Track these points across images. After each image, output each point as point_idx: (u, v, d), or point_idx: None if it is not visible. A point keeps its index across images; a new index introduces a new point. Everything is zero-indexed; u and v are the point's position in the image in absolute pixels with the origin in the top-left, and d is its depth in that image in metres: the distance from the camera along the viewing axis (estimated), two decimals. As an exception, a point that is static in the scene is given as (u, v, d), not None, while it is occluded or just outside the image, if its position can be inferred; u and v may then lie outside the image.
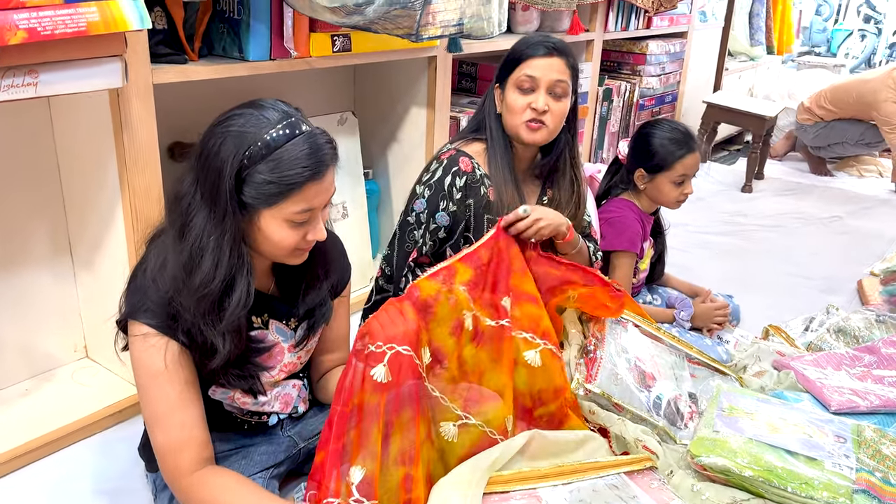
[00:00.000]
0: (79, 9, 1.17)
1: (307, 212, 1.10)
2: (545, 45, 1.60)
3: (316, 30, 1.74)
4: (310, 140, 1.08)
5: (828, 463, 1.44)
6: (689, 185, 2.05)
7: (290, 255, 1.16)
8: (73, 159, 1.57)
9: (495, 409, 1.35)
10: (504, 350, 1.42)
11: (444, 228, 1.65)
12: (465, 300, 1.37)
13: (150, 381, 1.11)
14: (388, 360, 1.16)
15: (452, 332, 1.35)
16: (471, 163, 1.64)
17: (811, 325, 2.25)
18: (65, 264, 1.66)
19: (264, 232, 1.11)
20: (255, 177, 1.06)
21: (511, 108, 1.61)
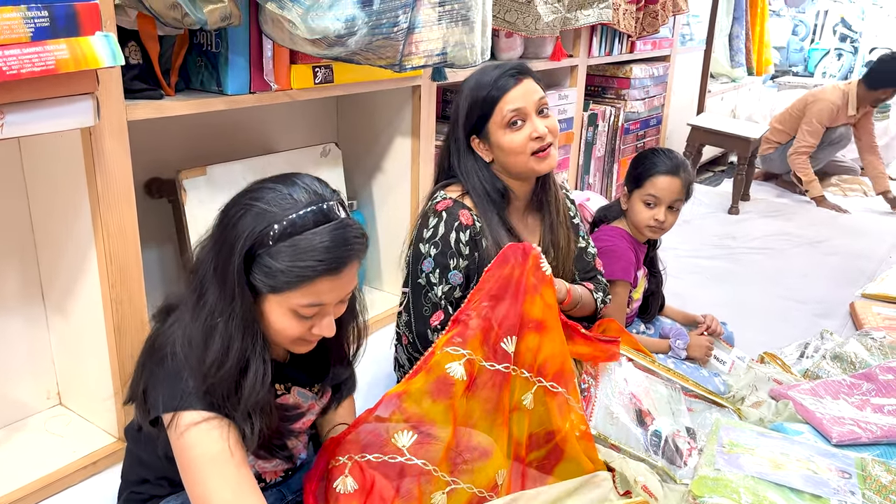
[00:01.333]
0: (47, 46, 1.12)
1: (316, 306, 1.03)
2: (509, 73, 1.53)
3: (297, 62, 1.70)
4: (335, 231, 1.00)
5: (833, 501, 1.40)
6: (661, 210, 1.96)
7: (292, 345, 1.10)
8: (45, 200, 1.51)
9: (483, 467, 1.31)
10: (502, 397, 1.37)
11: (458, 287, 1.55)
12: (446, 355, 1.33)
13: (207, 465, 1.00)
14: (349, 471, 1.20)
15: (436, 398, 1.30)
16: (470, 216, 1.55)
17: (806, 350, 2.22)
18: (36, 308, 1.59)
19: (267, 317, 1.04)
20: (265, 259, 0.99)
21: (511, 149, 1.53)
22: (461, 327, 1.37)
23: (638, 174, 1.98)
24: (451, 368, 1.32)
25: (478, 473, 1.31)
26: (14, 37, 1.08)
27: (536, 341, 1.42)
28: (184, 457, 1.01)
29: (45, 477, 1.43)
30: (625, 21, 3.12)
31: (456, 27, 1.89)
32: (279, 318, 1.03)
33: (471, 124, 1.56)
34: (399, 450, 1.25)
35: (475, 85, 1.56)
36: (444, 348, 1.34)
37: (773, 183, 4.62)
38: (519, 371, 1.41)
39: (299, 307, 1.02)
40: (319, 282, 1.00)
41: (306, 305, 1.02)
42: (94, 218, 1.40)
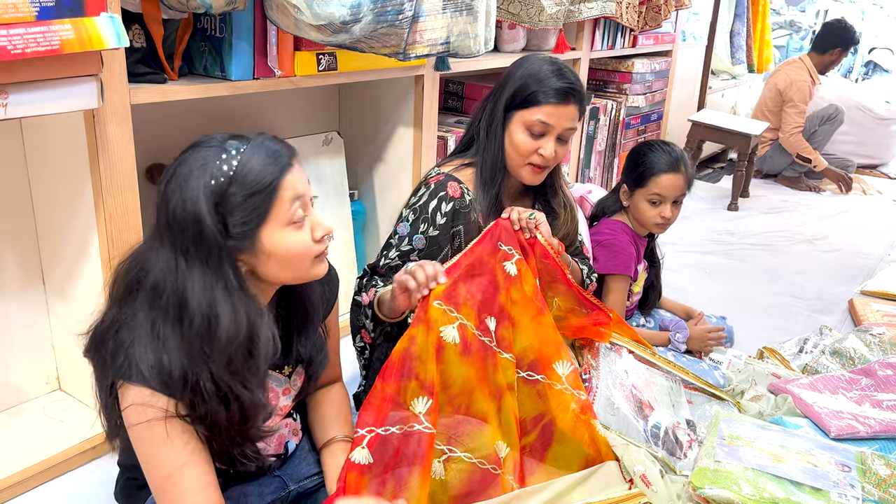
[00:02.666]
0: (52, 26, 1.11)
1: (299, 200, 1.03)
2: (564, 90, 1.52)
3: (301, 48, 1.69)
4: (258, 140, 1.04)
5: (833, 493, 1.40)
6: (666, 207, 1.97)
7: (314, 265, 1.08)
8: (47, 184, 1.50)
9: (480, 437, 1.29)
10: (489, 370, 1.35)
11: (417, 252, 1.56)
12: (442, 313, 1.29)
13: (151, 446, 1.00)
14: (367, 444, 1.17)
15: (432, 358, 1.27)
16: (460, 188, 1.57)
17: (805, 346, 2.22)
18: (37, 293, 1.59)
19: (276, 253, 1.03)
20: (233, 201, 0.98)
21: (518, 148, 1.55)
22: (452, 286, 1.33)
23: (640, 174, 1.97)
24: (444, 332, 1.29)
25: (474, 442, 1.29)
26: (19, 16, 1.07)
27: (511, 334, 1.42)
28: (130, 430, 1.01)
29: (45, 461, 1.43)
30: (627, 15, 3.12)
31: (460, 17, 1.88)
32: (285, 240, 1.03)
33: (508, 102, 1.56)
34: (417, 417, 1.21)
35: (533, 76, 1.54)
36: (438, 302, 1.30)
37: (773, 180, 4.63)
38: (503, 353, 1.40)
39: (290, 212, 1.02)
40: (287, 178, 1.02)
41: (291, 203, 1.02)
42: (96, 202, 1.39)
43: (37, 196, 1.53)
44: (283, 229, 1.03)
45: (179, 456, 1.00)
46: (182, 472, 1.01)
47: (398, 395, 1.23)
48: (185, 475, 1.01)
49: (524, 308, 1.44)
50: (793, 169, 4.46)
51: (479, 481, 1.28)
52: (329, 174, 2.13)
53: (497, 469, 1.31)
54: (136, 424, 0.99)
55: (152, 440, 1.00)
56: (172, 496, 1.01)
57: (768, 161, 4.51)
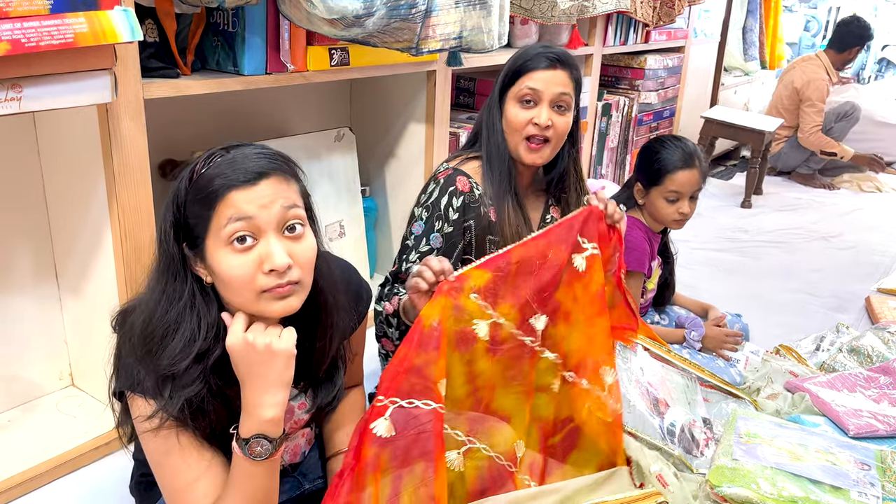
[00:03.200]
0: (66, 19, 1.10)
1: (240, 222, 0.93)
2: (548, 56, 1.51)
3: (313, 43, 1.68)
4: (232, 153, 0.97)
5: (853, 492, 1.38)
6: (684, 203, 1.96)
7: (259, 300, 0.96)
8: (60, 179, 1.50)
9: (501, 433, 1.27)
10: (525, 370, 1.33)
11: (436, 251, 1.54)
12: (477, 308, 1.25)
13: (164, 455, 0.99)
14: (390, 414, 1.10)
15: (457, 347, 1.23)
16: (468, 182, 1.55)
17: (822, 344, 2.20)
18: (50, 288, 1.58)
19: (216, 269, 0.96)
20: (188, 206, 0.96)
21: (511, 123, 1.53)
22: (493, 282, 1.27)
23: (655, 171, 1.95)
24: (477, 325, 1.25)
25: (495, 437, 1.27)
26: (33, 9, 1.06)
27: (562, 330, 1.39)
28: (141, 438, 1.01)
29: (58, 457, 1.43)
30: (642, 10, 3.09)
31: (473, 11, 1.87)
32: (221, 259, 0.94)
33: (502, 86, 1.56)
34: (439, 395, 1.14)
35: (520, 52, 1.55)
36: (475, 295, 1.24)
37: (787, 177, 4.59)
38: (547, 352, 1.37)
39: (226, 231, 0.93)
40: (231, 195, 0.93)
41: (228, 223, 0.93)
42: (109, 197, 1.39)
43: (50, 191, 1.53)
44: (221, 248, 0.95)
45: (192, 469, 1.00)
46: (195, 484, 1.00)
47: (424, 367, 1.15)
48: (199, 486, 1.00)
49: (584, 307, 1.40)
50: (807, 166, 4.43)
51: (494, 477, 1.27)
52: (341, 170, 2.12)
53: (512, 467, 1.30)
54: (146, 436, 0.99)
55: (165, 451, 0.99)
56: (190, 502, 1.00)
57: (783, 158, 4.48)
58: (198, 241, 0.96)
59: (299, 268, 0.97)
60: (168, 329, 0.97)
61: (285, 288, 0.96)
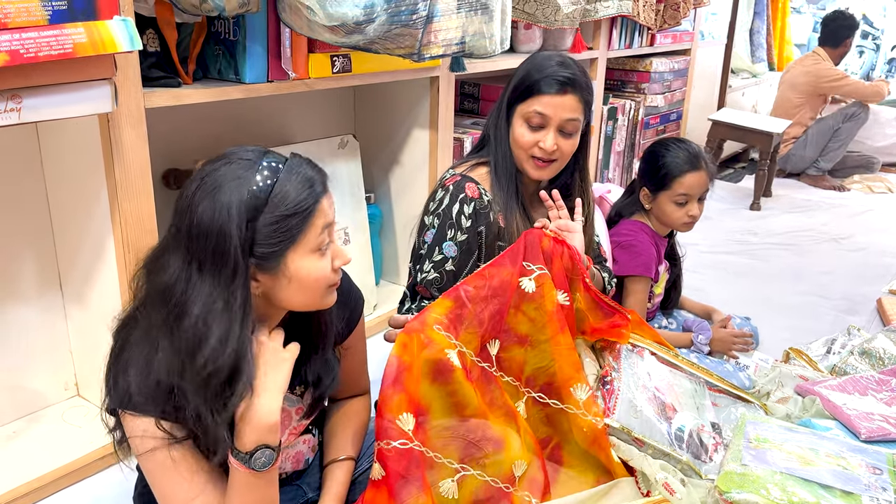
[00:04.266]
0: (65, 30, 1.11)
1: (327, 228, 1.02)
2: (559, 79, 1.48)
3: (315, 50, 1.68)
4: (296, 162, 1.02)
5: (865, 497, 1.36)
6: (693, 205, 1.95)
7: (327, 294, 1.06)
8: (63, 188, 1.50)
9: (497, 459, 1.28)
10: (495, 394, 1.34)
11: (451, 260, 1.53)
12: (442, 338, 1.28)
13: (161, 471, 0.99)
14: (376, 457, 1.19)
15: (435, 378, 1.26)
16: (477, 188, 1.54)
17: (833, 346, 2.17)
18: (54, 298, 1.59)
19: (298, 277, 1.00)
20: (265, 220, 0.95)
21: (518, 141, 1.52)
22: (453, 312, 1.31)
23: (662, 176, 1.94)
24: (448, 354, 1.27)
25: (491, 465, 1.28)
26: (32, 20, 1.07)
27: (522, 354, 1.40)
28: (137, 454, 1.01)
29: (63, 467, 1.43)
30: (645, 13, 3.08)
31: (475, 16, 1.87)
32: (309, 266, 1.01)
33: (511, 98, 1.55)
34: (406, 434, 1.20)
35: (532, 66, 1.53)
36: (438, 327, 1.28)
37: (796, 179, 4.56)
38: (504, 376, 1.39)
39: (318, 239, 1.01)
40: (321, 204, 1.01)
41: (322, 232, 1.01)
42: (111, 206, 1.39)
43: (53, 200, 1.53)
44: (309, 255, 1.00)
45: (188, 486, 1.00)
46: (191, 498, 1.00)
47: (388, 409, 1.21)
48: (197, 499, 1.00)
49: (542, 327, 1.40)
50: (816, 168, 4.40)
51: (488, 499, 1.28)
52: (345, 177, 2.12)
53: (510, 487, 1.30)
54: (141, 454, 0.99)
55: (160, 469, 1.00)
56: None
57: (792, 160, 4.45)
58: (270, 256, 0.98)
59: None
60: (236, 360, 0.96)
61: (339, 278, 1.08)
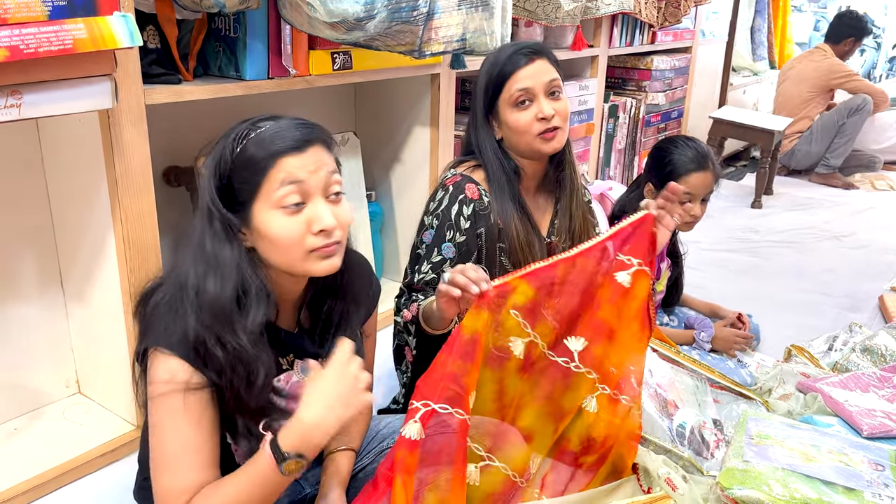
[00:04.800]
0: (64, 25, 1.10)
1: (292, 185, 0.99)
2: (522, 52, 1.50)
3: (315, 47, 1.68)
4: (280, 122, 1.03)
5: (867, 493, 1.36)
6: (696, 205, 1.94)
7: (307, 259, 1.02)
8: (64, 184, 1.50)
9: (519, 451, 1.29)
10: (554, 391, 1.32)
11: (449, 262, 1.53)
12: (516, 325, 1.25)
13: (168, 419, 1.01)
14: (420, 417, 1.11)
15: (488, 364, 1.24)
16: (477, 189, 1.54)
17: (835, 343, 2.17)
18: (55, 296, 1.59)
19: (264, 232, 1.01)
20: (233, 172, 1.01)
21: (516, 128, 1.51)
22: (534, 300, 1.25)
23: (668, 173, 1.94)
24: (513, 343, 1.25)
25: (514, 456, 1.28)
26: (31, 15, 1.06)
27: (604, 349, 1.36)
28: (150, 402, 1.03)
29: (65, 464, 1.42)
30: (646, 10, 3.08)
31: (476, 13, 1.86)
32: (271, 222, 1.00)
33: (486, 101, 1.55)
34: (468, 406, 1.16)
35: (492, 61, 1.54)
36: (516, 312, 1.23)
37: (799, 176, 4.55)
38: (586, 370, 1.35)
39: (278, 195, 0.99)
40: (283, 160, 0.99)
41: (281, 186, 0.99)
42: (112, 203, 1.39)
43: (54, 197, 1.53)
44: (271, 210, 1.01)
45: (188, 433, 1.01)
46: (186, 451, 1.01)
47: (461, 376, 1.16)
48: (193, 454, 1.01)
49: (629, 323, 1.37)
50: (825, 165, 4.38)
51: (503, 491, 1.28)
52: (346, 175, 2.11)
53: (523, 482, 1.30)
54: (156, 396, 1.01)
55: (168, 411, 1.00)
56: (173, 472, 1.01)
57: (797, 156, 4.43)
58: (242, 207, 1.02)
59: (341, 229, 1.05)
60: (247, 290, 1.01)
61: (332, 247, 1.04)
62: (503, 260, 1.55)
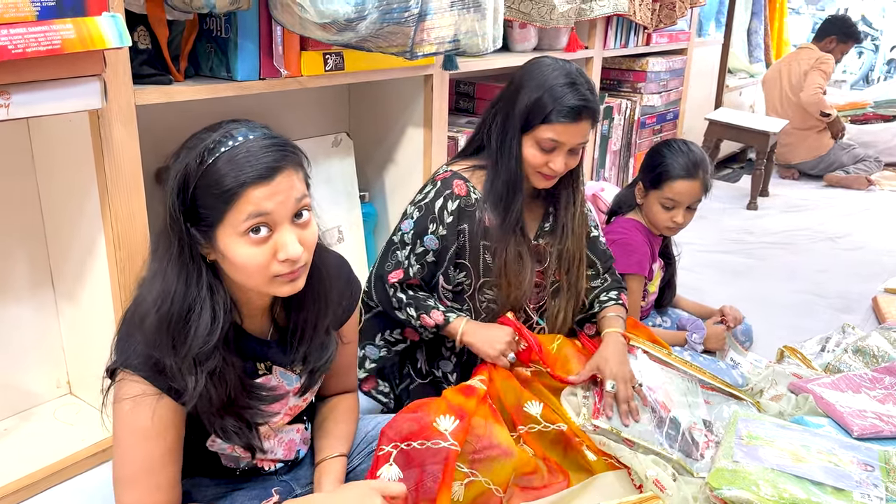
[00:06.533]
0: (53, 26, 1.11)
1: (258, 217, 0.97)
2: (573, 108, 1.47)
3: (307, 48, 1.68)
4: (255, 143, 0.98)
5: (856, 493, 1.36)
6: (679, 213, 1.93)
7: (271, 283, 1.02)
8: (54, 185, 1.50)
9: (502, 465, 1.31)
10: None
11: (432, 252, 1.57)
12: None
13: (132, 438, 1.01)
14: (393, 459, 1.21)
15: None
16: (466, 186, 1.56)
17: (827, 345, 2.17)
18: (46, 295, 1.59)
19: (228, 256, 0.99)
20: (198, 193, 0.97)
21: (528, 161, 1.53)
22: None
23: (657, 175, 1.94)
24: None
25: (497, 470, 1.31)
26: (20, 15, 1.07)
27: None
28: (114, 418, 1.03)
29: (55, 464, 1.43)
30: (641, 12, 3.08)
31: (468, 14, 1.87)
32: (236, 249, 0.98)
33: (526, 120, 1.51)
34: (442, 434, 1.24)
35: (547, 92, 1.49)
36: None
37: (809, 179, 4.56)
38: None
39: (243, 225, 0.97)
40: (249, 191, 0.96)
41: (247, 219, 0.96)
42: (102, 203, 1.39)
43: (45, 197, 1.53)
44: (236, 238, 0.98)
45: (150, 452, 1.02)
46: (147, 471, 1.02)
47: (423, 413, 1.27)
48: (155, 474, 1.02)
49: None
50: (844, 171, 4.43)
51: (483, 502, 1.31)
52: (339, 176, 2.12)
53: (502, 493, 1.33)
54: (120, 414, 1.02)
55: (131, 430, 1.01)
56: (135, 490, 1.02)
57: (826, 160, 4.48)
58: (207, 227, 0.99)
59: (307, 252, 1.04)
60: (191, 312, 1.00)
61: (296, 272, 1.03)
62: (487, 258, 1.57)
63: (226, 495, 1.19)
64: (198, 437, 1.12)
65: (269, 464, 1.22)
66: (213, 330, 1.01)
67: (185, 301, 1.00)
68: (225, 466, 1.19)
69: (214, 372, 1.02)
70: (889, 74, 8.31)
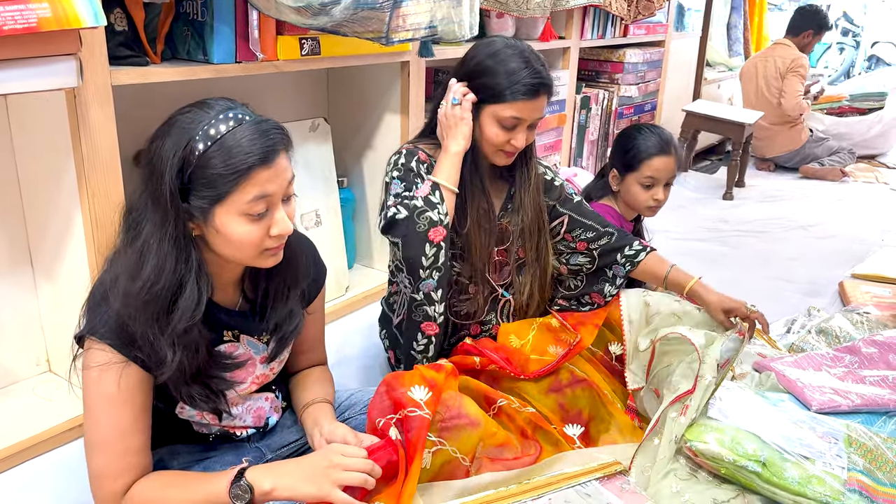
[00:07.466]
0: (29, 4, 1.13)
1: (262, 199, 1.04)
2: (532, 86, 1.53)
3: (283, 32, 1.71)
4: (254, 126, 1.04)
5: (819, 462, 1.41)
6: (659, 190, 2.00)
7: (259, 257, 1.10)
8: (32, 163, 1.52)
9: (469, 435, 1.35)
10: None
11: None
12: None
13: (100, 404, 1.06)
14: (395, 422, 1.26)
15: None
16: (427, 157, 1.64)
17: (793, 326, 2.23)
18: (25, 273, 1.61)
19: (223, 232, 1.05)
20: (199, 173, 1.02)
21: (490, 139, 1.58)
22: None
23: (631, 158, 1.99)
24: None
25: (464, 439, 1.35)
26: (-5, -7, 1.09)
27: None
28: (83, 384, 1.08)
29: (33, 437, 1.44)
30: (617, 3, 3.13)
31: (444, 1, 1.90)
32: (234, 227, 1.04)
33: (477, 93, 1.57)
34: (417, 403, 1.29)
35: (508, 70, 1.54)
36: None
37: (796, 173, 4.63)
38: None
39: (248, 206, 1.03)
40: (256, 174, 1.03)
41: (253, 200, 1.03)
42: (79, 182, 1.41)
43: (23, 175, 1.55)
44: (236, 217, 1.04)
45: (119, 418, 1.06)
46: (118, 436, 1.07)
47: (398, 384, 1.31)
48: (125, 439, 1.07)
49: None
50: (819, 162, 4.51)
51: (449, 470, 1.35)
52: (316, 161, 2.15)
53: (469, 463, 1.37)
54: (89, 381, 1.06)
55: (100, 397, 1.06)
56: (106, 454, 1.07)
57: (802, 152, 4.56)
58: (207, 206, 1.03)
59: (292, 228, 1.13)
60: (181, 289, 1.05)
61: (282, 246, 1.13)
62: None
63: (199, 461, 1.22)
64: (167, 405, 1.16)
65: (241, 430, 1.26)
66: (199, 307, 1.06)
67: (175, 277, 1.04)
68: (197, 433, 1.22)
69: (189, 345, 1.06)
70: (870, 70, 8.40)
